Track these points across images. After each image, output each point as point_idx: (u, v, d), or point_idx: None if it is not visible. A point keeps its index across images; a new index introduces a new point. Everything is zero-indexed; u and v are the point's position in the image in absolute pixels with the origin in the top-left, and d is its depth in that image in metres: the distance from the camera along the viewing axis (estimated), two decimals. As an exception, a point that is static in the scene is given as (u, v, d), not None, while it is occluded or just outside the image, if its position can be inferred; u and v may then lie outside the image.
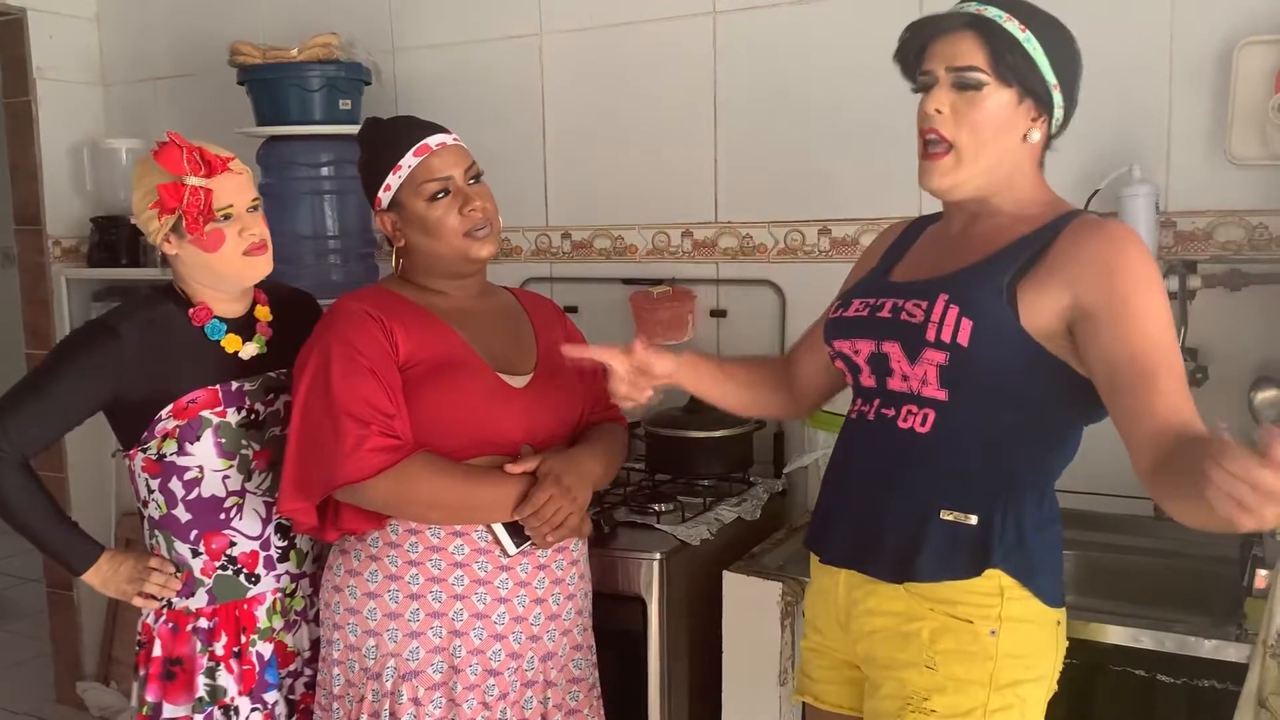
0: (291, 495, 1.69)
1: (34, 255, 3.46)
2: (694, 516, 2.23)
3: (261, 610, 1.86)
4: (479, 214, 1.76)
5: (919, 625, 1.47)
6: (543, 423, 1.78)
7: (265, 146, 2.86)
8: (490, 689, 1.74)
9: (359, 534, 1.76)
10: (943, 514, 1.46)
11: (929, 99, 1.48)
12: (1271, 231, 2.09)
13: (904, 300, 1.50)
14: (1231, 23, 2.07)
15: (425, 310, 1.79)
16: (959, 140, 1.46)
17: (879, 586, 1.51)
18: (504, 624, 1.74)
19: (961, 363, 1.42)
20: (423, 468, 1.67)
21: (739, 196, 2.61)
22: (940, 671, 1.46)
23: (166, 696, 1.83)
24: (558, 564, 1.79)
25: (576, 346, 1.71)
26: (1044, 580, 1.47)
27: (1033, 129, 1.47)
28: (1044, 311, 1.40)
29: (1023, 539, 1.45)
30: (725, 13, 2.58)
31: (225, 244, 1.76)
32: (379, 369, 1.68)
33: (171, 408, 1.77)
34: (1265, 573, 1.72)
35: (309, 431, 1.68)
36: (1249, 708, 1.62)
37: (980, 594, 1.45)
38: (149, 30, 3.45)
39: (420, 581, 1.72)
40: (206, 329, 1.81)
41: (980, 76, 1.44)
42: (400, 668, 1.72)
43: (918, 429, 1.47)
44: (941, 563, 1.46)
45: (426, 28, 2.97)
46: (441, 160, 1.77)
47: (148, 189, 1.75)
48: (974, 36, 1.44)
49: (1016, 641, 1.46)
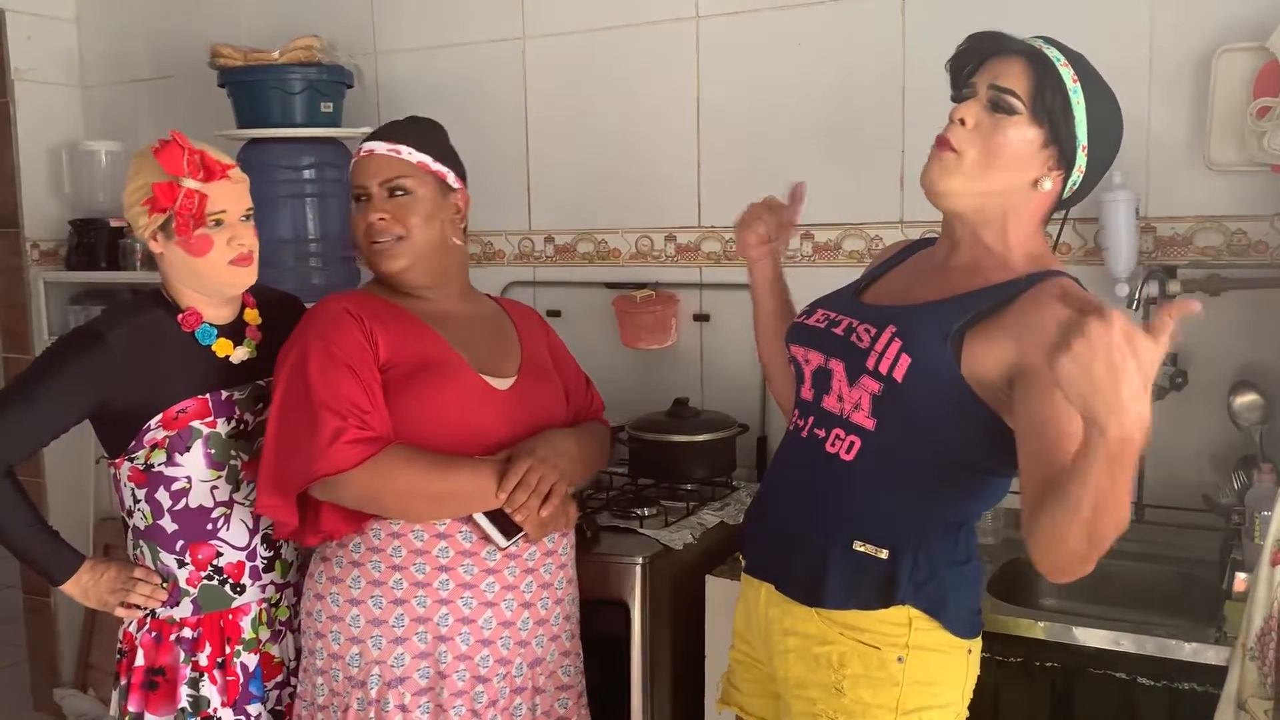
0: (267, 491, 1.68)
1: (11, 258, 3.42)
2: (677, 521, 2.22)
3: (246, 621, 1.84)
4: (375, 226, 1.77)
5: (829, 649, 1.49)
6: (526, 425, 1.77)
7: (246, 149, 2.83)
8: (479, 696, 1.73)
9: (338, 537, 1.74)
10: (855, 544, 1.47)
11: (959, 108, 1.47)
12: (1250, 237, 2.11)
13: (859, 322, 1.51)
14: (1210, 30, 2.09)
15: (407, 312, 1.79)
16: (969, 153, 1.44)
17: (793, 607, 1.53)
18: (491, 629, 1.73)
19: (893, 396, 1.43)
20: (398, 459, 1.66)
21: (721, 201, 2.61)
22: (848, 695, 1.48)
23: (148, 707, 1.81)
24: (545, 568, 1.78)
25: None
26: (954, 613, 1.48)
27: (1046, 178, 1.45)
28: (986, 362, 1.39)
29: (933, 575, 1.47)
30: (708, 18, 2.58)
31: (212, 251, 1.74)
32: (357, 365, 1.68)
33: (161, 417, 1.75)
34: (1244, 576, 1.73)
35: (286, 426, 1.67)
36: (1229, 710, 1.63)
37: (888, 624, 1.47)
38: (129, 32, 3.42)
39: (404, 586, 1.71)
40: (197, 334, 1.79)
41: (1015, 103, 1.43)
42: (385, 675, 1.71)
43: (843, 456, 1.48)
44: (849, 592, 1.48)
45: (409, 31, 2.96)
46: (364, 167, 1.80)
47: (142, 184, 1.73)
48: (1025, 65, 1.44)
49: (923, 669, 1.47)
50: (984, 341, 1.39)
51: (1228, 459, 2.09)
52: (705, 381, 2.66)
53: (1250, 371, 2.08)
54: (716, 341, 2.63)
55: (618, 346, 2.64)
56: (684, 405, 2.48)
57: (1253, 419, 2.03)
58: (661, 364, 2.68)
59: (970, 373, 1.39)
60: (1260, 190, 2.08)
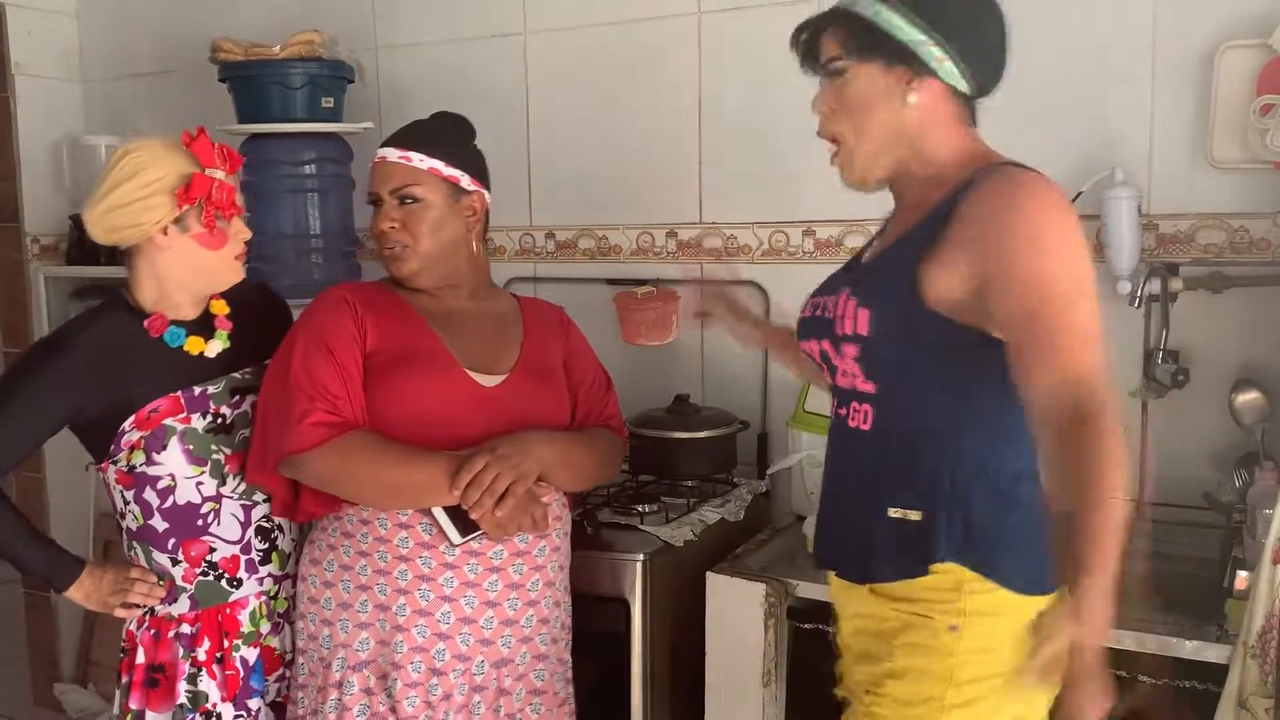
0: (254, 465, 1.76)
1: (12, 253, 3.42)
2: (678, 518, 2.22)
3: (245, 614, 1.84)
4: (385, 234, 1.81)
5: (886, 624, 1.47)
6: (507, 424, 1.75)
7: (247, 144, 2.83)
8: (434, 688, 1.72)
9: (317, 517, 1.80)
10: (890, 512, 1.43)
11: (813, 103, 1.50)
12: (1252, 234, 2.10)
13: (824, 297, 1.53)
14: (1213, 27, 2.08)
15: (406, 305, 1.81)
16: (842, 133, 1.48)
17: (853, 589, 1.52)
18: (449, 624, 1.72)
19: (871, 352, 1.43)
20: (360, 444, 1.69)
21: (723, 197, 2.61)
22: (899, 661, 1.44)
23: (149, 704, 1.81)
24: (515, 568, 1.75)
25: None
26: (1013, 568, 1.40)
27: (910, 93, 1.44)
28: (951, 286, 1.36)
29: (974, 529, 1.39)
30: (710, 13, 2.58)
31: (227, 245, 1.76)
32: (337, 351, 1.71)
33: (134, 419, 1.74)
34: (1246, 574, 1.73)
35: (267, 404, 1.76)
36: (1230, 708, 1.63)
37: (939, 590, 1.41)
38: (129, 26, 3.41)
39: (368, 573, 1.73)
40: (165, 338, 1.78)
41: (838, 63, 1.46)
42: (350, 659, 1.73)
43: (862, 427, 1.47)
44: (893, 564, 1.44)
45: (410, 26, 2.96)
46: (378, 174, 1.83)
47: (158, 175, 1.70)
48: (830, 29, 1.47)
49: (982, 635, 1.40)
50: (938, 266, 1.37)
51: (1229, 457, 2.09)
52: (706, 378, 2.66)
53: (1252, 369, 2.08)
54: (717, 338, 2.61)
55: (618, 343, 2.64)
56: (685, 402, 2.48)
57: (1254, 417, 2.03)
58: (662, 360, 2.68)
59: (938, 301, 1.37)
60: (1263, 188, 2.08)
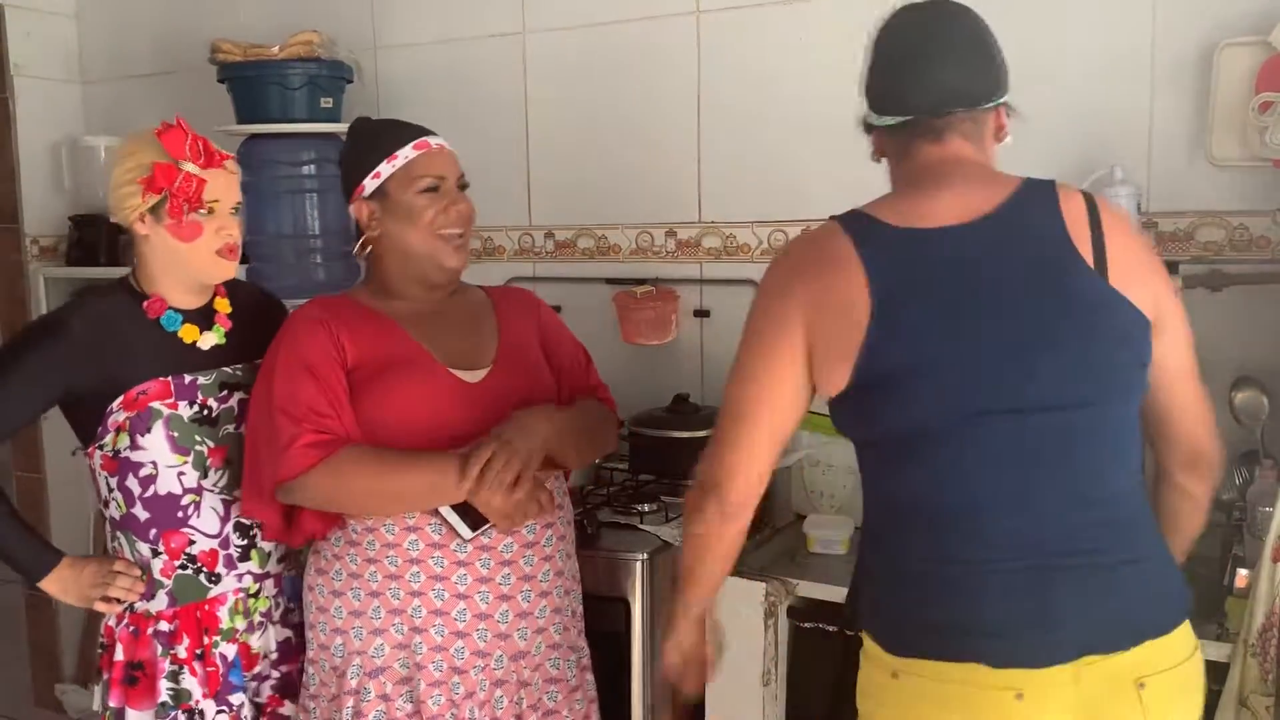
0: (247, 496, 1.75)
1: (11, 254, 3.42)
2: (678, 517, 2.22)
3: (224, 610, 1.84)
4: (456, 217, 1.80)
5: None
6: (498, 416, 1.75)
7: (246, 145, 2.83)
8: (456, 686, 1.73)
9: (320, 537, 1.79)
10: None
11: None
12: (1252, 232, 2.10)
13: None
14: (1212, 25, 2.08)
15: (379, 314, 1.80)
16: None
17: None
18: (466, 621, 1.73)
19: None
20: (355, 458, 1.68)
21: (722, 196, 2.61)
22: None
23: (129, 701, 1.82)
24: (526, 560, 1.77)
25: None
26: (883, 622, 1.38)
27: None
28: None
29: (865, 577, 1.45)
30: (709, 12, 2.57)
31: (201, 238, 1.76)
32: (318, 371, 1.70)
33: (122, 399, 1.75)
34: (1245, 572, 1.73)
35: (254, 433, 1.74)
36: (1230, 706, 1.63)
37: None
38: (128, 27, 3.41)
39: (379, 579, 1.73)
40: (162, 321, 1.79)
41: None
42: (366, 665, 1.74)
43: None
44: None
45: (409, 26, 2.96)
46: (441, 159, 1.82)
47: (137, 164, 1.73)
48: None
49: (863, 678, 1.41)
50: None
51: (1229, 455, 2.08)
52: (705, 377, 2.65)
53: (1251, 367, 2.07)
54: (717, 337, 2.62)
55: (618, 342, 2.64)
56: (684, 401, 2.48)
57: (1254, 415, 2.02)
58: (662, 360, 2.68)
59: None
60: (1262, 185, 2.08)
